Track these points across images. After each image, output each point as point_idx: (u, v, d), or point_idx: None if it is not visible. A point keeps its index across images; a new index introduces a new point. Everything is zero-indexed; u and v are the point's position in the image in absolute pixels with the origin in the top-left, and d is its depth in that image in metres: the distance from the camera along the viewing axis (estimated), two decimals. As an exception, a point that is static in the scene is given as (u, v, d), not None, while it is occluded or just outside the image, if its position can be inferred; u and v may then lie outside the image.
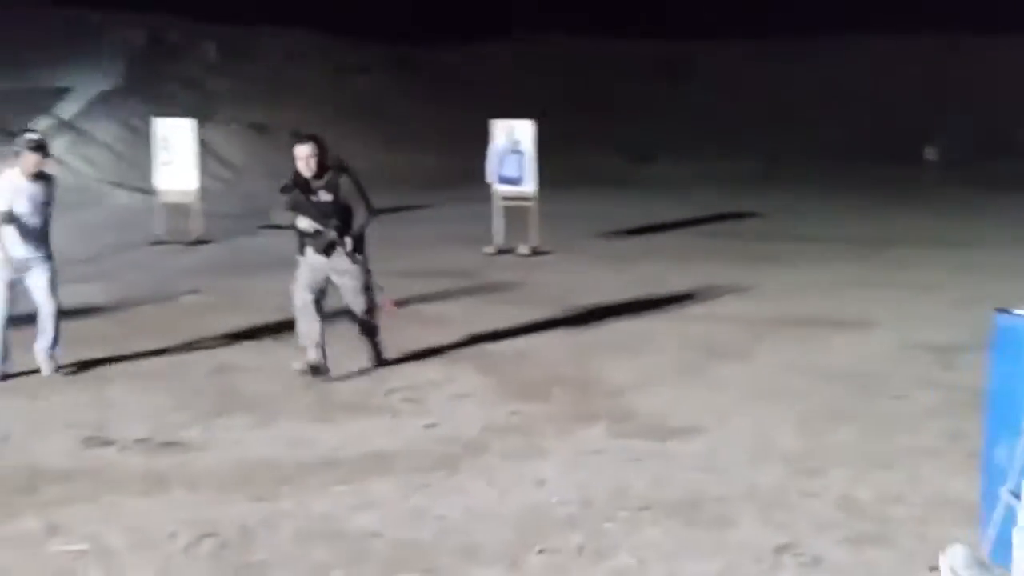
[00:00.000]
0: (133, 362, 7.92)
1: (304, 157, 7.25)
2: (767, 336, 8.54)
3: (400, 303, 10.04)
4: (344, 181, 7.34)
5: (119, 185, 21.52)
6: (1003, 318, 4.12)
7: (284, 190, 7.42)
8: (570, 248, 13.87)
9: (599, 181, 21.45)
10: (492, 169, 14.02)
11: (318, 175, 7.27)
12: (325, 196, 7.26)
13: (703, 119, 27.49)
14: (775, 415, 6.39)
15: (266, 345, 8.52)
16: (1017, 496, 3.82)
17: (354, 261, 7.35)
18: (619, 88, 27.96)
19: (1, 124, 20.87)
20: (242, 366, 7.86)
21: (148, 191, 17.98)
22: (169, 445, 6.00)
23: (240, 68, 27.26)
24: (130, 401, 6.86)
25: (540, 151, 13.84)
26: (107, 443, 6.00)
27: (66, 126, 22.84)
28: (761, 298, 10.26)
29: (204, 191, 15.62)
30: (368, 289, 7.47)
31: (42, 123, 22.29)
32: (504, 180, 13.95)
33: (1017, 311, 4.13)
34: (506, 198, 14.05)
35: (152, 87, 24.70)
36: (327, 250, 7.31)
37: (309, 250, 7.38)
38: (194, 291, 11.08)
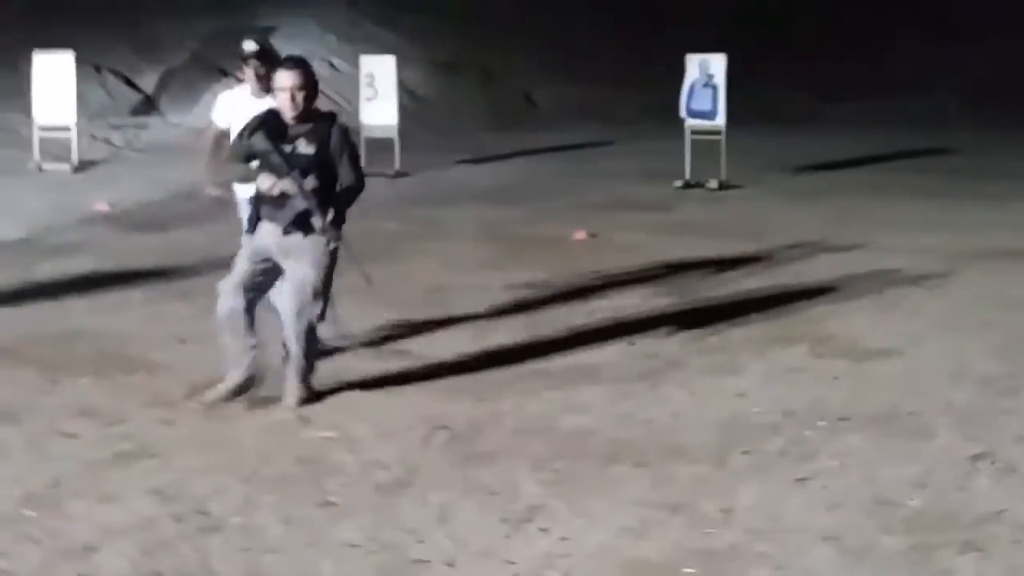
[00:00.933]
0: (350, 281, 8.51)
1: (288, 88, 5.25)
2: (964, 268, 8.58)
3: (592, 234, 10.48)
4: (336, 132, 5.34)
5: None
6: None
7: (246, 132, 5.26)
8: (760, 182, 13.98)
9: (785, 118, 21.27)
10: (684, 102, 14.16)
11: (302, 118, 5.29)
12: (305, 148, 5.25)
13: (887, 55, 26.78)
14: (972, 341, 6.52)
15: (470, 268, 9.02)
16: None
17: (330, 241, 5.36)
18: (801, 22, 27.39)
19: (211, 63, 22.02)
20: (451, 286, 8.36)
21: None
22: (396, 352, 6.54)
23: (430, 3, 27.83)
24: (354, 314, 7.42)
25: (727, 86, 13.95)
26: (339, 349, 6.57)
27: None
28: (954, 231, 10.23)
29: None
30: (322, 286, 5.48)
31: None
32: (695, 114, 14.11)
33: None
34: (696, 132, 14.20)
35: (347, 25, 25.50)
36: (297, 223, 5.24)
37: (266, 226, 5.31)
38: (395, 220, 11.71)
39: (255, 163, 5.41)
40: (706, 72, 13.92)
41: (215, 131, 6.55)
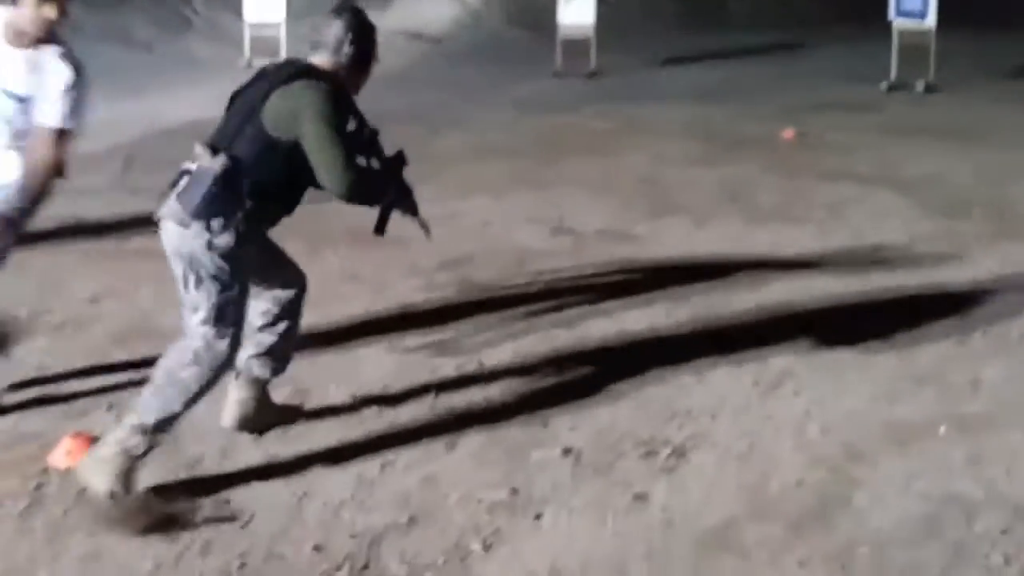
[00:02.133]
0: (569, 171, 8.80)
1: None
2: None
3: (801, 133, 10.47)
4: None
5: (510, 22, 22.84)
6: None
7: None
8: (968, 86, 13.60)
9: (997, 20, 20.45)
10: (893, 1, 13.82)
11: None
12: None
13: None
14: None
15: (678, 161, 9.18)
16: None
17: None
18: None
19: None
20: (664, 179, 8.55)
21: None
22: (624, 236, 6.80)
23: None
24: (579, 202, 7.71)
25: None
26: (570, 232, 6.88)
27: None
28: None
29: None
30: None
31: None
32: (903, 13, 13.76)
33: None
34: (904, 32, 13.87)
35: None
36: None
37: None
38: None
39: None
40: (920, -30, 13.53)
41: None
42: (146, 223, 3.69)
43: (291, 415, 4.05)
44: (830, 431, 3.96)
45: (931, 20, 13.54)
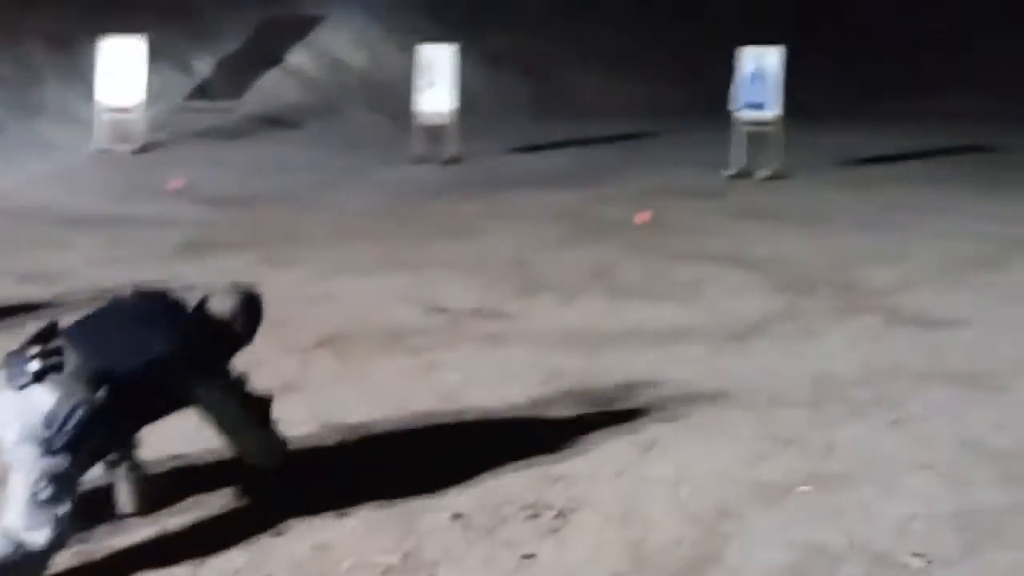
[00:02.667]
0: (437, 253, 9.02)
1: None
2: (1018, 252, 9.00)
3: (655, 216, 10.94)
4: None
5: (364, 108, 23.19)
6: None
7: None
8: (808, 173, 14.36)
9: (825, 114, 21.64)
10: (737, 94, 14.56)
11: None
12: None
13: (930, 54, 27.12)
14: (1037, 314, 6.96)
15: (542, 243, 9.50)
16: None
17: None
18: (852, 19, 27.74)
19: (264, 52, 22.60)
20: (530, 260, 8.84)
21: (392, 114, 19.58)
22: (497, 314, 7.03)
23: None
24: (449, 283, 7.92)
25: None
26: (444, 310, 7.08)
27: (322, 53, 24.48)
28: (1008, 221, 10.62)
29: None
30: None
31: (300, 51, 24.04)
32: (748, 105, 14.52)
33: None
34: (748, 123, 14.62)
35: (398, 16, 25.98)
36: None
37: None
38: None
39: None
40: (760, 64, 14.33)
41: None
42: None
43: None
44: (700, 491, 4.21)
45: (774, 111, 14.32)
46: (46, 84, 18.24)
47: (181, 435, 4.10)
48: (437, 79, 16.39)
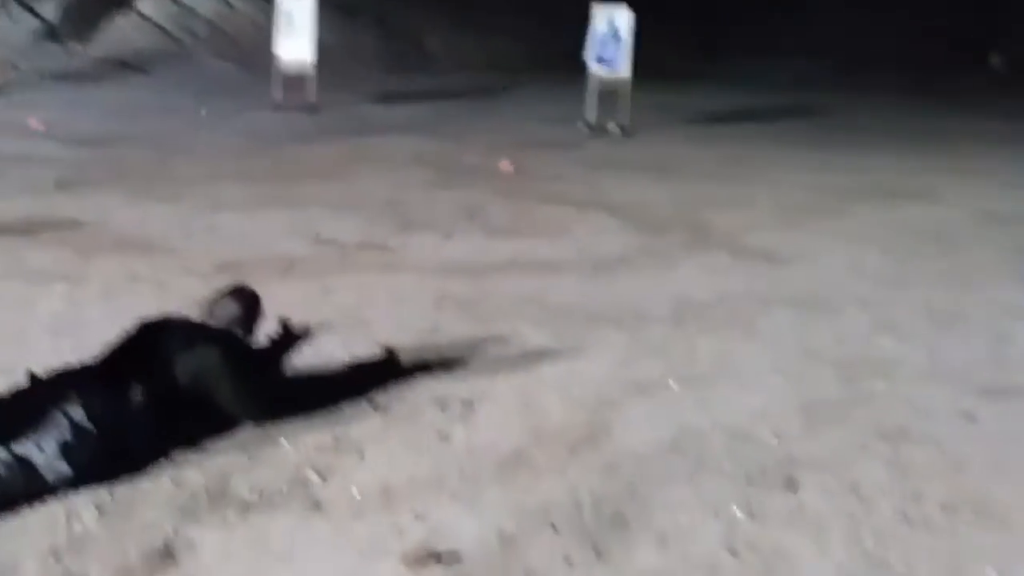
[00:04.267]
0: (311, 194, 9.42)
1: None
2: (850, 201, 9.91)
3: (517, 164, 11.53)
4: None
5: (216, 55, 23.12)
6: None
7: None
8: (656, 130, 15.18)
9: (667, 74, 22.59)
10: (591, 49, 15.22)
11: None
12: None
13: (770, 18, 28.44)
14: (865, 252, 7.82)
15: (412, 185, 9.99)
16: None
17: None
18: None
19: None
20: (404, 200, 9.32)
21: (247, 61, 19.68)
22: (381, 248, 7.51)
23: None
24: (330, 220, 8.35)
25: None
26: (331, 242, 7.52)
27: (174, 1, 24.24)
28: (839, 173, 11.59)
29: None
30: None
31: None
32: (601, 61, 15.20)
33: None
34: (601, 79, 15.32)
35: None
36: None
37: None
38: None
39: None
40: (612, 23, 15.02)
41: None
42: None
43: None
44: (585, 387, 4.82)
45: (625, 70, 15.05)
46: None
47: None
48: (297, 27, 16.57)
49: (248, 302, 4.49)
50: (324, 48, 20.86)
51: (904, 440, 4.31)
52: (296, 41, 16.63)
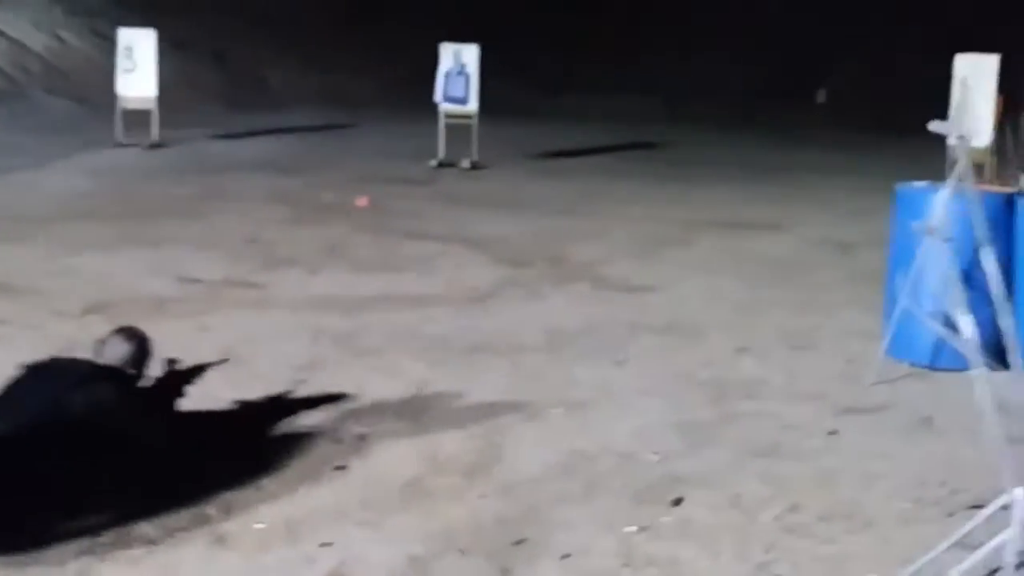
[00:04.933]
0: (169, 232, 9.33)
1: None
2: (699, 232, 10.33)
3: (372, 201, 11.63)
4: None
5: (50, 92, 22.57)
6: (901, 186, 6.00)
7: None
8: (505, 164, 15.47)
9: (512, 110, 23.02)
10: (439, 88, 15.44)
11: None
12: None
13: (604, 56, 29.27)
14: (719, 280, 8.18)
15: (270, 222, 10.00)
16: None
17: None
18: (519, 18, 29.35)
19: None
20: (264, 237, 9.33)
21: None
22: (248, 284, 7.53)
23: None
24: (192, 258, 8.30)
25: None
26: (197, 281, 7.50)
27: (1, 35, 23.53)
28: (685, 206, 12.05)
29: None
30: None
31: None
32: (450, 99, 15.44)
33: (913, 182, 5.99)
34: (450, 116, 15.55)
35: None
36: None
37: None
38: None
39: None
40: (459, 61, 15.30)
41: None
42: None
43: None
44: (473, 414, 4.98)
45: (473, 106, 15.33)
46: None
47: None
48: (139, 63, 16.34)
49: (138, 342, 4.48)
50: (162, 84, 20.60)
51: (776, 455, 4.58)
52: (138, 77, 16.38)
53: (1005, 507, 3.17)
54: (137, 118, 16.20)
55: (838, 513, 3.98)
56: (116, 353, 4.40)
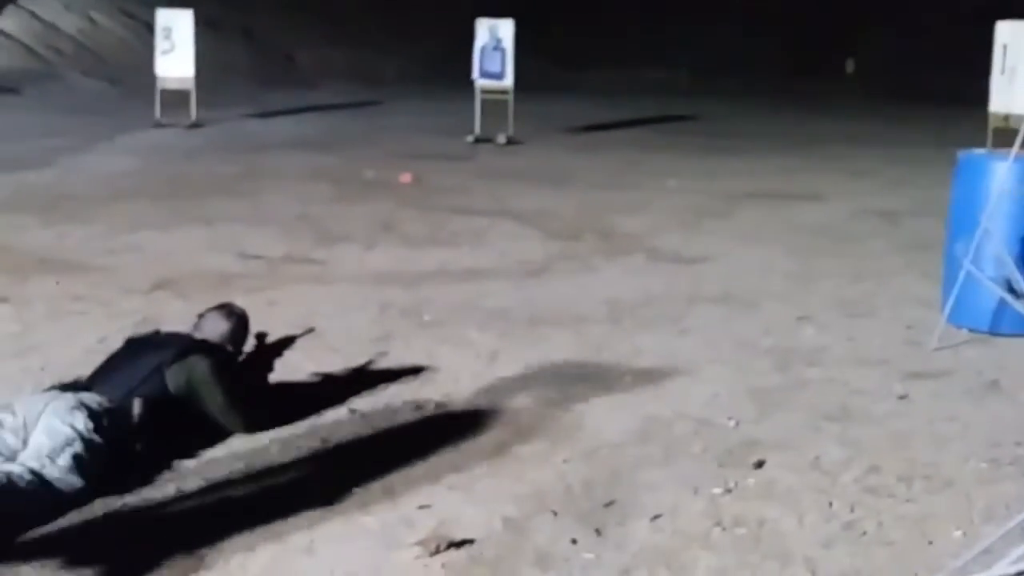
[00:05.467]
0: (219, 210, 9.46)
1: None
2: (740, 204, 10.41)
3: (416, 178, 11.74)
4: None
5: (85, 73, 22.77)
6: (963, 153, 6.06)
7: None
8: (541, 140, 15.56)
9: (540, 85, 23.05)
10: (477, 63, 15.51)
11: None
12: None
13: (629, 30, 29.23)
14: (768, 251, 8.27)
15: (318, 200, 10.13)
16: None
17: None
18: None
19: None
20: (315, 215, 9.45)
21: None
22: (307, 260, 7.66)
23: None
24: (247, 235, 8.43)
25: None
26: (258, 257, 7.63)
27: (34, 17, 23.72)
28: (723, 178, 12.12)
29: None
30: None
31: (10, 16, 23.22)
32: (486, 74, 15.52)
33: (974, 150, 6.06)
34: (486, 91, 15.63)
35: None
36: None
37: None
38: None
39: None
40: (496, 36, 15.36)
41: None
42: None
43: None
44: (546, 383, 5.08)
45: (509, 80, 15.40)
46: None
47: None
48: (177, 43, 16.48)
49: (237, 319, 4.62)
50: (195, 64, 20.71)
51: (849, 419, 4.68)
52: (176, 57, 16.52)
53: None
54: (173, 98, 16.37)
55: (917, 474, 4.08)
56: (215, 329, 4.53)
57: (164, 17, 16.64)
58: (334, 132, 16.17)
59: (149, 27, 22.42)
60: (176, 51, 16.49)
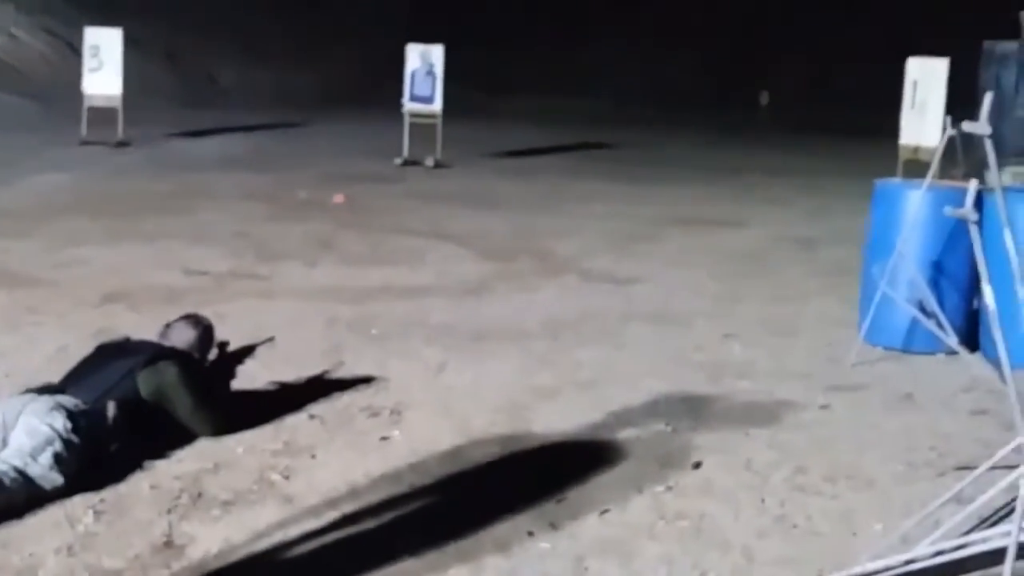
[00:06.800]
0: (158, 227, 9.60)
1: None
2: (666, 229, 10.80)
3: (349, 197, 11.96)
4: None
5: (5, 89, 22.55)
6: (880, 182, 6.51)
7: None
8: (468, 164, 15.87)
9: (463, 110, 23.37)
10: (407, 88, 15.79)
11: None
12: None
13: (552, 56, 29.80)
14: (695, 273, 8.65)
15: (255, 218, 10.31)
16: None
17: None
18: (468, 19, 29.75)
19: None
20: (254, 233, 9.64)
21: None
22: (252, 276, 7.85)
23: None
24: (189, 252, 8.60)
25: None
26: (204, 273, 7.81)
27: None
28: (650, 204, 12.53)
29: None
30: None
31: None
32: (416, 98, 15.81)
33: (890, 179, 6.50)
34: (415, 115, 15.92)
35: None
36: None
37: None
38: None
39: None
40: (427, 61, 15.67)
41: None
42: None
43: None
44: (494, 393, 5.36)
45: (438, 105, 15.71)
46: None
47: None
48: (105, 61, 16.51)
49: (203, 328, 4.84)
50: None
51: (777, 426, 5.03)
52: (104, 75, 16.55)
53: (993, 467, 3.58)
54: (98, 116, 16.36)
55: (840, 474, 4.43)
56: (182, 337, 4.74)
57: (92, 35, 16.67)
58: (262, 152, 16.31)
59: (71, 45, 22.48)
60: (104, 69, 16.51)
